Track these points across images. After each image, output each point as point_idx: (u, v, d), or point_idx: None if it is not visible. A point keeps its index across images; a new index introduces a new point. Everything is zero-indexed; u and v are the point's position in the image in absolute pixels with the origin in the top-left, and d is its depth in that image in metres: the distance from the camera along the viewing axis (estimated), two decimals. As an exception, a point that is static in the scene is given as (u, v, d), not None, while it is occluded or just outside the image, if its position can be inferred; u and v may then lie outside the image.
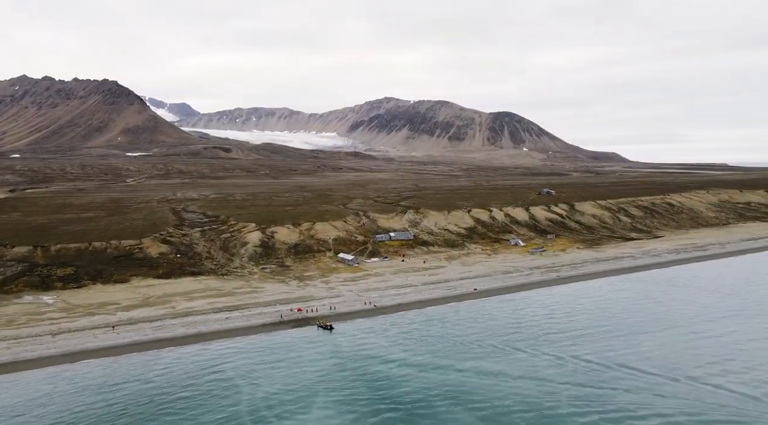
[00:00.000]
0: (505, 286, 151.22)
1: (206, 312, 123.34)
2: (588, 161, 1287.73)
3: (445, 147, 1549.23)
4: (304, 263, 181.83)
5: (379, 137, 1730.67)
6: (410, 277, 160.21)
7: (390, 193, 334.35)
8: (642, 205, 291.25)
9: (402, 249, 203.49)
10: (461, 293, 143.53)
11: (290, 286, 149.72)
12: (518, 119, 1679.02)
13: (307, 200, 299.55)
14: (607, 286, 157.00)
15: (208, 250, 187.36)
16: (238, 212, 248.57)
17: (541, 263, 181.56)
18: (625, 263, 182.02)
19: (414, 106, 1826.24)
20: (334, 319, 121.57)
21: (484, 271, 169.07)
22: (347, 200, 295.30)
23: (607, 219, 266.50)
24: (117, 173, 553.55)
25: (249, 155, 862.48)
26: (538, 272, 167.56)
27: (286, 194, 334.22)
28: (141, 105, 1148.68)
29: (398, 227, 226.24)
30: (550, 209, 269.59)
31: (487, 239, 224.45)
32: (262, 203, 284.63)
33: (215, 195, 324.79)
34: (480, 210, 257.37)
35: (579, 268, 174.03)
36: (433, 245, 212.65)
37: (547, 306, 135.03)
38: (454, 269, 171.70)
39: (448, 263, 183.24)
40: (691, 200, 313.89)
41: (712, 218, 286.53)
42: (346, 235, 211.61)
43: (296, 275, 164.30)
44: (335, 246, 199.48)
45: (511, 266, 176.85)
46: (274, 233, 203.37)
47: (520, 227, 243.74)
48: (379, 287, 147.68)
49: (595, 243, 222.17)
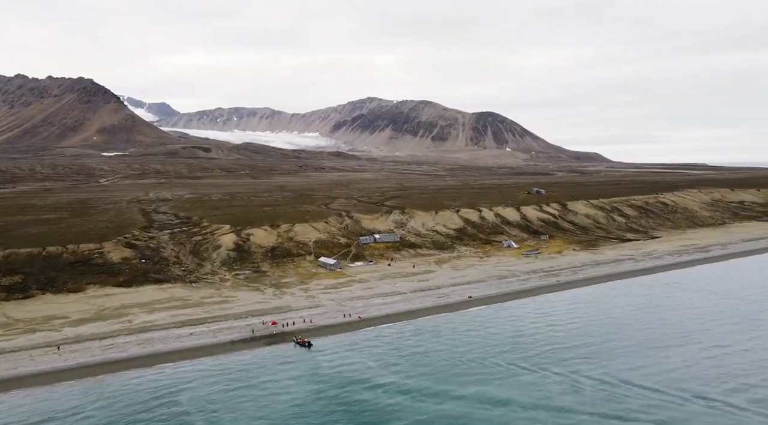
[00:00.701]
0: (502, 293, 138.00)
1: (167, 327, 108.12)
2: (571, 161, 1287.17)
3: (428, 147, 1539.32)
4: (282, 268, 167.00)
5: (362, 137, 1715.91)
6: (398, 283, 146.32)
7: (374, 193, 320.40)
8: (636, 204, 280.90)
9: (388, 252, 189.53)
10: (455, 301, 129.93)
11: (265, 295, 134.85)
12: (501, 119, 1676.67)
13: (287, 200, 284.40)
14: (611, 291, 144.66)
15: (176, 254, 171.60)
16: (213, 213, 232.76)
17: (538, 266, 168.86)
18: (626, 266, 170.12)
19: (397, 106, 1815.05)
20: (313, 334, 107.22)
21: (477, 276, 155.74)
22: (329, 200, 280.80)
23: (601, 219, 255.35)
24: (90, 173, 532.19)
25: (229, 155, 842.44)
26: (536, 277, 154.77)
27: (265, 194, 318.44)
28: (118, 104, 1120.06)
29: (383, 229, 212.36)
30: (541, 208, 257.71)
31: (477, 241, 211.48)
32: (240, 203, 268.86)
33: (190, 195, 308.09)
34: (469, 210, 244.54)
35: (579, 272, 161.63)
36: (421, 247, 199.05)
37: (549, 316, 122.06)
38: (445, 274, 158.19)
39: (438, 267, 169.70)
40: (685, 199, 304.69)
41: (707, 217, 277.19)
42: (328, 237, 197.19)
43: (273, 282, 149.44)
44: (316, 249, 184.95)
45: (506, 270, 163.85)
46: (250, 236, 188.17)
47: (511, 228, 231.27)
48: (363, 296, 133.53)
49: (592, 245, 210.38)
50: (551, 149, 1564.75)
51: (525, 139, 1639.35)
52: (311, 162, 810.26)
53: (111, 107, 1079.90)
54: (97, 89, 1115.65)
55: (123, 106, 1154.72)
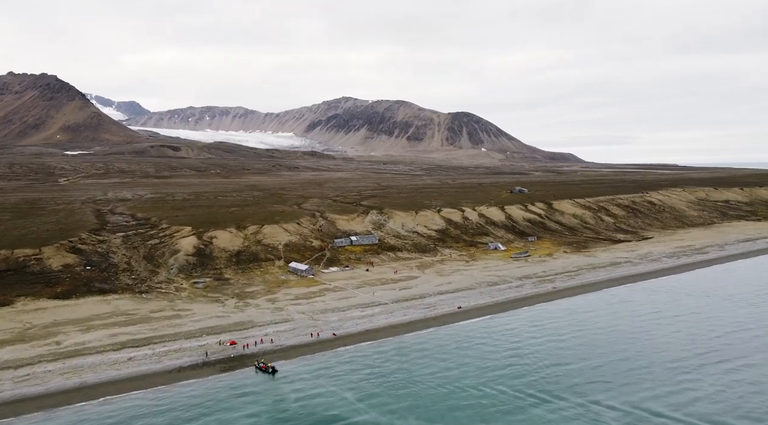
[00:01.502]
0: (495, 302, 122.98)
1: (103, 350, 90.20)
2: (546, 161, 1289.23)
3: (404, 147, 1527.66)
4: (248, 275, 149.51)
5: (337, 137, 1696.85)
6: (378, 292, 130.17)
7: (350, 192, 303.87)
8: (623, 204, 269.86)
9: (366, 256, 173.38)
10: (443, 313, 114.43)
11: (226, 307, 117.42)
12: (477, 119, 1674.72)
13: (257, 200, 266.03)
14: (614, 299, 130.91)
15: (127, 260, 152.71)
16: (175, 213, 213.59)
17: (530, 271, 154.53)
18: (624, 270, 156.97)
19: (372, 106, 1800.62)
20: (279, 356, 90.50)
21: (465, 282, 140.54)
22: (302, 199, 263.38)
23: (589, 219, 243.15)
24: (49, 172, 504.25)
25: (200, 154, 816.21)
26: (530, 283, 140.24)
27: (233, 193, 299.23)
28: (83, 101, 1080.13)
29: (361, 230, 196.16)
30: (527, 208, 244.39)
31: (462, 243, 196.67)
32: (205, 203, 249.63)
33: (152, 195, 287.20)
34: (451, 210, 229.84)
35: (575, 277, 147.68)
36: (402, 250, 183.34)
37: (550, 329, 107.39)
38: (429, 281, 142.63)
39: (422, 272, 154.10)
40: (671, 198, 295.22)
41: (696, 217, 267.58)
42: (300, 239, 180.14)
43: (236, 292, 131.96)
44: (286, 253, 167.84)
45: (496, 275, 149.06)
46: (213, 239, 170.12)
47: (496, 229, 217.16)
48: (339, 307, 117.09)
49: (582, 246, 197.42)
50: (526, 149, 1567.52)
51: (500, 139, 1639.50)
52: (285, 162, 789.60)
53: (76, 105, 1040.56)
54: (61, 86, 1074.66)
55: (88, 103, 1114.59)
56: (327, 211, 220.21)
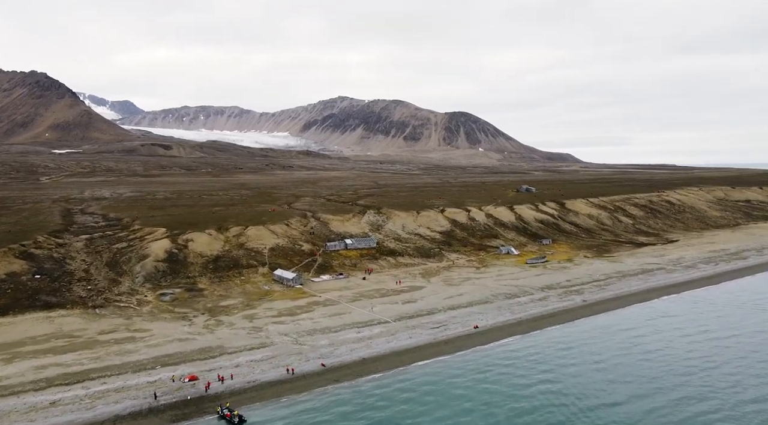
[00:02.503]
0: (517, 320, 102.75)
1: (21, 390, 69.59)
2: (544, 162, 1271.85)
3: (400, 147, 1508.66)
4: (225, 284, 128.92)
5: (333, 137, 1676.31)
6: (377, 307, 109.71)
7: (345, 191, 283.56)
8: (639, 203, 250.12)
9: (363, 262, 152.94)
10: (456, 334, 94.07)
11: (193, 326, 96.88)
12: (474, 119, 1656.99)
13: (245, 199, 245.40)
14: (653, 313, 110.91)
15: (86, 267, 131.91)
16: (151, 213, 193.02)
17: (552, 279, 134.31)
18: (659, 278, 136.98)
19: (368, 105, 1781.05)
20: (250, 397, 70.07)
21: (479, 294, 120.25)
22: (293, 198, 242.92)
23: (606, 220, 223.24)
24: (32, 170, 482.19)
25: (191, 153, 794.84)
26: (555, 295, 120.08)
27: (220, 192, 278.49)
28: (73, 99, 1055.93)
29: (356, 232, 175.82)
30: (537, 208, 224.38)
31: (469, 247, 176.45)
32: (187, 202, 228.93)
33: (132, 194, 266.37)
34: (456, 210, 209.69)
35: (605, 287, 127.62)
36: (403, 254, 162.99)
37: (588, 355, 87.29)
38: (437, 292, 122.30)
39: (427, 281, 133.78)
40: (689, 197, 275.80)
41: (718, 217, 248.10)
42: (288, 243, 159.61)
43: (208, 306, 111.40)
44: (272, 259, 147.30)
45: (514, 285, 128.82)
46: (189, 242, 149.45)
47: (506, 231, 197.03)
48: (330, 327, 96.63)
49: (604, 250, 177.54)
50: (524, 149, 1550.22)
51: (498, 139, 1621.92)
52: (279, 161, 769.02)
53: (65, 103, 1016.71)
54: (50, 84, 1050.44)
55: (79, 101, 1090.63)
56: (319, 211, 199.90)
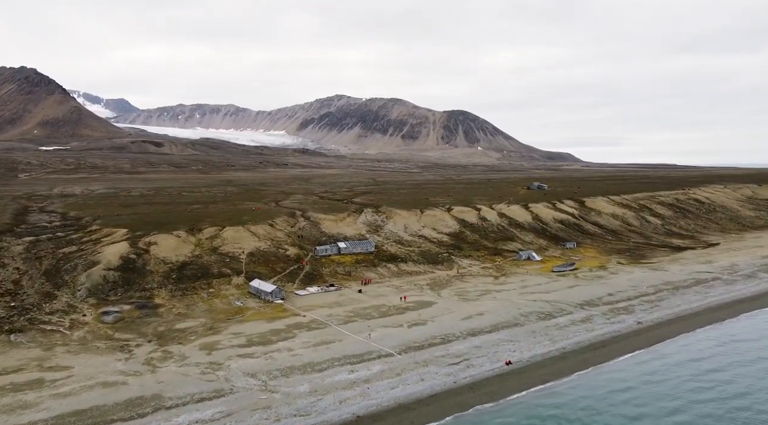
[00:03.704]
0: (561, 352, 78.43)
1: None
2: (544, 161, 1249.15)
3: (398, 146, 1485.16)
4: (188, 299, 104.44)
5: (330, 136, 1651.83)
6: (377, 331, 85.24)
7: (340, 188, 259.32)
8: (666, 202, 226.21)
9: (359, 269, 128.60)
10: (483, 375, 69.68)
11: (131, 362, 72.36)
12: (472, 117, 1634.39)
13: (229, 196, 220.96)
14: (737, 338, 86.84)
15: (18, 277, 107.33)
16: (118, 212, 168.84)
17: (589, 292, 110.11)
18: (720, 292, 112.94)
19: (366, 104, 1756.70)
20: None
21: (504, 313, 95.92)
22: (283, 196, 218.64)
23: (632, 220, 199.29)
24: (12, 167, 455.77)
25: (183, 151, 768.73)
26: (600, 315, 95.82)
27: (203, 188, 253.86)
28: (63, 95, 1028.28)
29: (351, 234, 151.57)
30: (555, 207, 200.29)
31: (483, 251, 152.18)
32: (163, 200, 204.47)
33: (106, 190, 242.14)
34: (464, 209, 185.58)
35: (658, 303, 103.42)
36: (406, 261, 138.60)
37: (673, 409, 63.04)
38: (450, 309, 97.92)
39: (437, 295, 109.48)
40: (716, 195, 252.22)
41: (754, 217, 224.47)
42: (271, 246, 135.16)
43: (159, 330, 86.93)
44: (250, 266, 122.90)
45: (544, 300, 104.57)
46: (152, 245, 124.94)
47: (523, 232, 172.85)
48: (314, 363, 72.12)
49: (639, 255, 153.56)
50: (523, 148, 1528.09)
51: (497, 138, 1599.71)
52: (274, 159, 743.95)
53: (55, 99, 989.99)
54: (40, 80, 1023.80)
55: (69, 98, 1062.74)
56: (310, 209, 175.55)
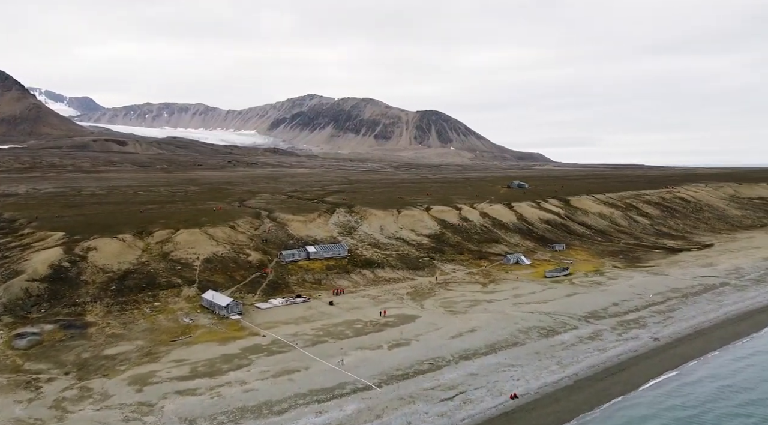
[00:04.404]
0: (573, 379, 65.06)
1: None
2: (516, 161, 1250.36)
3: (371, 146, 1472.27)
4: (128, 315, 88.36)
5: (302, 136, 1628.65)
6: (351, 355, 70.67)
7: (311, 187, 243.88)
8: (652, 201, 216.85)
9: (330, 277, 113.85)
10: (486, 413, 55.67)
11: (34, 405, 56.45)
12: (445, 118, 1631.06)
13: (189, 195, 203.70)
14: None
15: None
16: (62, 213, 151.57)
17: (591, 302, 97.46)
18: (734, 299, 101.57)
19: (338, 103, 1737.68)
20: None
21: (500, 329, 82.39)
22: (249, 195, 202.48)
23: (620, 220, 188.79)
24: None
25: (148, 150, 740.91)
26: (609, 330, 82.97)
27: (162, 188, 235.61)
28: (21, 92, 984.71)
29: (322, 236, 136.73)
30: (540, 206, 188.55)
31: (467, 254, 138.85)
32: (116, 200, 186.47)
33: (54, 189, 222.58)
34: (443, 208, 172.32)
35: (670, 314, 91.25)
36: (383, 266, 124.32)
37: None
38: (437, 325, 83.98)
39: (420, 306, 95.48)
40: (701, 193, 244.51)
41: (741, 216, 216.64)
42: (231, 251, 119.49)
43: (83, 357, 70.90)
44: (205, 274, 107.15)
45: (542, 311, 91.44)
46: (90, 251, 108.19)
47: (509, 234, 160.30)
48: (273, 402, 57.11)
49: (633, 258, 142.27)
50: (495, 148, 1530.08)
51: (469, 138, 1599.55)
52: (243, 158, 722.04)
53: (12, 96, 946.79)
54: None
55: (27, 94, 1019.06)
56: (277, 209, 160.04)
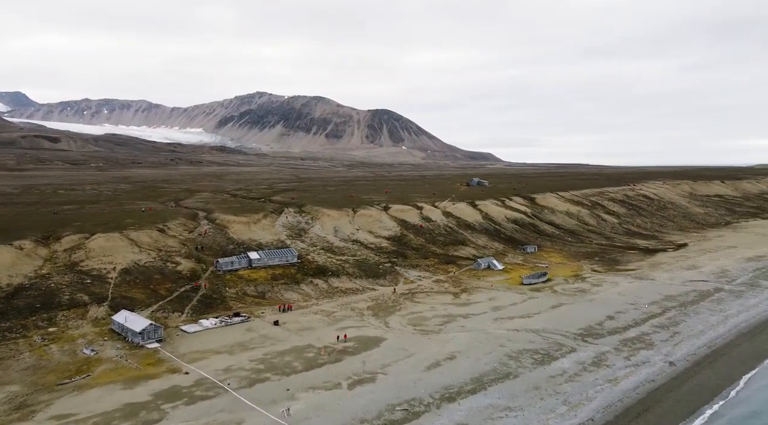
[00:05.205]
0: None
1: None
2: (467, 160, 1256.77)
3: (322, 145, 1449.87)
4: (7, 348, 68.60)
5: (251, 134, 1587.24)
6: (299, 399, 53.92)
7: (258, 185, 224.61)
8: (616, 198, 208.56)
9: (276, 289, 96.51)
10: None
11: None
12: (397, 117, 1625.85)
13: (118, 195, 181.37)
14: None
15: None
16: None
17: (583, 315, 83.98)
18: (735, 307, 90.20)
19: (288, 101, 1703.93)
20: None
21: (482, 353, 67.44)
22: (187, 194, 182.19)
23: (588, 219, 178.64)
24: None
25: (84, 147, 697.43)
26: (611, 350, 69.24)
27: (89, 186, 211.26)
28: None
29: (268, 240, 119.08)
30: (505, 204, 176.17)
31: (432, 259, 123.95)
32: (29, 199, 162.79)
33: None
34: (403, 207, 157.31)
35: (674, 328, 78.62)
36: (339, 274, 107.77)
37: None
38: (407, 350, 68.29)
39: (384, 324, 79.63)
40: (661, 191, 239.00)
41: (704, 214, 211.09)
42: (157, 259, 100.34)
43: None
44: (121, 288, 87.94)
45: (529, 328, 77.22)
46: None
47: (475, 235, 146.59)
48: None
49: (610, 260, 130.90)
50: (447, 148, 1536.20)
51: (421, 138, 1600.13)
52: (188, 156, 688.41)
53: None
54: None
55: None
56: (217, 209, 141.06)
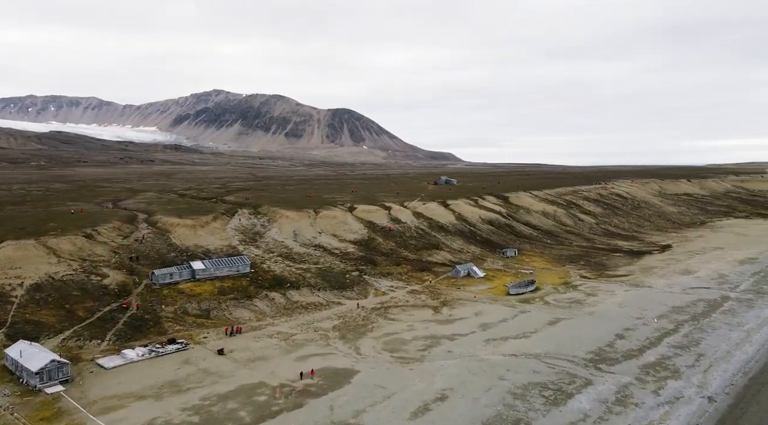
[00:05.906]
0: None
1: None
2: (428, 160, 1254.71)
3: (282, 144, 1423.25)
4: None
5: (207, 133, 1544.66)
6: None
7: (210, 184, 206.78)
8: (590, 197, 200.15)
9: (224, 306, 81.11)
10: None
11: None
12: (357, 116, 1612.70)
13: (48, 195, 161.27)
14: None
15: None
16: None
17: (589, 333, 72.05)
18: (750, 319, 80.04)
19: (247, 100, 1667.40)
20: None
21: (480, 390, 54.37)
22: (128, 194, 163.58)
23: (565, 219, 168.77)
24: None
25: (26, 145, 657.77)
26: (634, 382, 56.82)
27: (16, 185, 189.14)
28: None
29: (218, 246, 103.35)
30: (478, 204, 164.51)
31: (404, 265, 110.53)
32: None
33: None
34: (370, 208, 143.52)
35: (695, 348, 67.33)
36: (299, 286, 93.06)
37: None
38: (384, 386, 54.54)
39: (355, 351, 65.61)
40: (632, 189, 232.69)
41: (677, 214, 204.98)
42: (79, 271, 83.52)
43: None
44: (27, 309, 71.17)
45: (528, 353, 64.62)
46: None
47: (449, 237, 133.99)
48: None
49: (598, 264, 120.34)
50: (408, 148, 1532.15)
51: (382, 137, 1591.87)
52: (140, 155, 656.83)
53: None
54: None
55: None
56: (160, 211, 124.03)
